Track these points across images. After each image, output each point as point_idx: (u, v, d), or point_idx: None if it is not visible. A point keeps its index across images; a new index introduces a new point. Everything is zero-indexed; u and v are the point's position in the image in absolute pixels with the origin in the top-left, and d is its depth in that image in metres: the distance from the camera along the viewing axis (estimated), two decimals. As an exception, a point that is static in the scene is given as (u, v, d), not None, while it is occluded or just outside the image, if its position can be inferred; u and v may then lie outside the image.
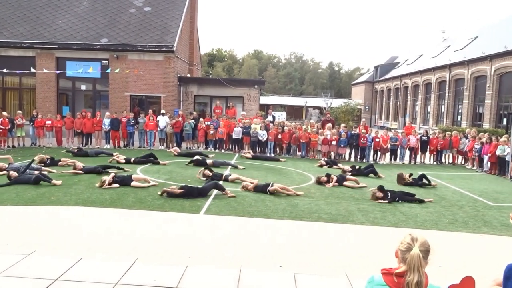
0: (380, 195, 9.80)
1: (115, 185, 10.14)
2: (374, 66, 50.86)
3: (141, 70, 21.22)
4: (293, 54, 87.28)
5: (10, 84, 22.32)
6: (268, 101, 46.82)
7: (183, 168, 13.64)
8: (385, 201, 9.63)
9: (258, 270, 5.45)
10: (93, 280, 4.90)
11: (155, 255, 5.87)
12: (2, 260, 5.39)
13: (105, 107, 21.54)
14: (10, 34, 21.66)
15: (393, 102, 43.31)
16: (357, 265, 5.83)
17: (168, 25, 22.47)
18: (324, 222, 7.94)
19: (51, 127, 18.15)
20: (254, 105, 23.20)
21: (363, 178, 12.74)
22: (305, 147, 17.67)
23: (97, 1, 24.10)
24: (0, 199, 8.74)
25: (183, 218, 7.89)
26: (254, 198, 9.58)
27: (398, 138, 17.27)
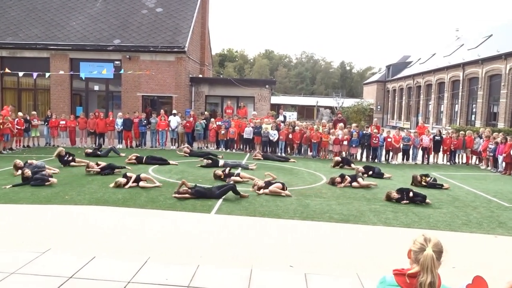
0: (396, 196, 9.69)
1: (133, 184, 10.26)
2: (386, 65, 50.50)
3: (153, 71, 21.38)
4: (304, 54, 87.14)
5: (25, 85, 22.67)
6: (279, 101, 46.84)
7: (195, 168, 13.70)
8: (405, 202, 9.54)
9: (269, 270, 5.46)
10: (106, 278, 4.96)
11: (167, 254, 5.92)
12: (18, 257, 5.49)
13: (118, 108, 21.75)
14: (25, 36, 21.99)
15: (405, 101, 42.95)
16: (368, 265, 5.80)
17: (180, 25, 22.60)
18: (336, 223, 7.92)
19: (65, 127, 18.38)
20: (265, 105, 23.22)
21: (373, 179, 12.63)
22: (316, 147, 17.63)
23: (110, 3, 24.35)
24: (15, 198, 8.89)
25: (194, 218, 7.94)
26: (265, 198, 9.59)
27: (410, 138, 17.13)
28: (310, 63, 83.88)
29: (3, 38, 21.84)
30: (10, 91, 22.55)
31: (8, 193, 9.36)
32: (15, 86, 22.54)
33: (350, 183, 11.40)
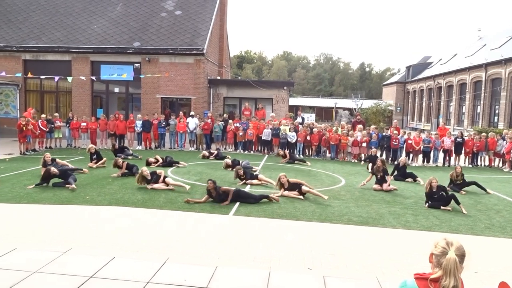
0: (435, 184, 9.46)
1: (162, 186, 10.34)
2: (406, 66, 49.84)
3: (172, 73, 21.58)
4: (322, 55, 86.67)
5: (47, 87, 23.17)
6: (297, 102, 46.70)
7: (213, 169, 13.76)
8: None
9: (287, 272, 5.44)
10: (126, 278, 5.01)
11: (186, 255, 5.95)
12: (40, 256, 5.60)
13: (137, 109, 22.03)
14: (48, 39, 22.48)
15: (426, 103, 42.30)
16: (388, 269, 5.72)
17: (199, 28, 22.76)
18: (354, 225, 7.84)
19: (86, 129, 18.70)
20: (283, 106, 23.17)
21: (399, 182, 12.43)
22: (335, 149, 17.50)
23: (130, 6, 24.71)
24: (38, 198, 9.08)
25: (212, 219, 7.97)
26: (283, 200, 9.56)
27: (431, 139, 16.85)
28: (329, 64, 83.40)
29: (26, 42, 22.38)
30: (33, 93, 23.07)
31: (31, 193, 9.56)
32: (38, 88, 23.07)
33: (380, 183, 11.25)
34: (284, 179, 10.04)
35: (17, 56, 22.32)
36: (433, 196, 9.45)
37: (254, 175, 11.74)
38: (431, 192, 9.46)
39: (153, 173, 10.63)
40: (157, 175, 10.57)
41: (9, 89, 22.41)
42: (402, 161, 13.49)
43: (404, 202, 9.91)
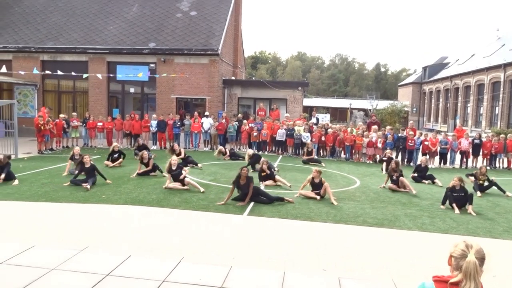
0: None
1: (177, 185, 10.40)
2: (423, 66, 49.28)
3: (187, 73, 21.71)
4: (338, 56, 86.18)
5: (65, 87, 23.53)
6: (311, 103, 46.56)
7: (227, 169, 13.80)
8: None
9: (302, 273, 5.41)
10: (141, 276, 5.06)
11: (200, 254, 5.97)
12: (58, 254, 5.68)
13: (153, 109, 22.22)
14: (65, 40, 22.82)
15: (442, 103, 41.76)
16: (404, 271, 5.66)
17: (213, 28, 22.85)
18: (370, 227, 7.77)
19: (102, 129, 18.92)
20: (298, 107, 23.12)
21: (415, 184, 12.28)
22: (349, 150, 17.38)
23: (145, 7, 24.94)
24: (55, 197, 9.22)
25: (227, 219, 7.98)
26: (297, 201, 9.53)
27: (448, 141, 16.62)
28: (344, 65, 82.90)
29: (44, 43, 22.75)
30: (51, 93, 23.45)
31: (48, 191, 9.72)
32: (56, 89, 23.44)
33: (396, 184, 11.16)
34: (316, 174, 9.95)
35: (35, 57, 22.71)
36: (452, 194, 9.35)
37: (273, 175, 11.67)
38: (453, 190, 9.36)
39: (179, 167, 10.67)
40: (180, 170, 10.58)
41: (27, 89, 22.85)
42: (422, 161, 13.35)
43: (420, 204, 9.79)
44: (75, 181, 10.49)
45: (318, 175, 9.98)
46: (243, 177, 9.26)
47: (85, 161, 10.62)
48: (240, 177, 9.29)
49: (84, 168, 10.57)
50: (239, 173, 9.38)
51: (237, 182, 9.29)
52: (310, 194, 9.84)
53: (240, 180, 9.27)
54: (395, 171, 11.35)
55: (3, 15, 25.06)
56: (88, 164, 10.60)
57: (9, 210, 8.17)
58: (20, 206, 8.51)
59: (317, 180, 9.92)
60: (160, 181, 11.24)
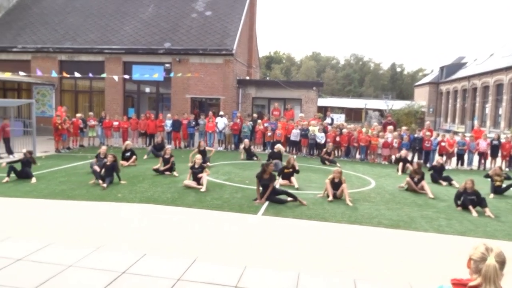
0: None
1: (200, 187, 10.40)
2: (440, 66, 48.61)
3: (201, 73, 21.80)
4: (353, 56, 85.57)
5: (82, 87, 23.85)
6: (326, 103, 46.33)
7: (241, 169, 13.81)
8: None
9: (317, 274, 5.38)
10: (156, 275, 5.09)
11: (215, 253, 5.99)
12: (74, 251, 5.76)
13: (167, 109, 22.37)
14: (82, 41, 23.13)
15: (460, 104, 41.13)
16: (421, 273, 5.58)
17: (228, 28, 22.90)
18: (385, 228, 7.69)
19: (118, 128, 19.12)
20: (312, 107, 23.03)
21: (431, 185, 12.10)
22: (364, 150, 17.24)
23: (161, 8, 25.13)
24: (72, 195, 9.35)
25: (241, 219, 7.99)
26: (311, 201, 9.49)
27: (465, 142, 16.36)
28: (359, 64, 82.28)
29: (62, 43, 23.09)
30: (68, 93, 23.79)
31: (65, 190, 9.86)
32: (73, 88, 23.77)
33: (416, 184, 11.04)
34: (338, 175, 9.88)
35: (53, 57, 23.06)
36: (465, 196, 9.22)
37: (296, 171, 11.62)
38: (464, 193, 9.23)
39: (201, 166, 10.72)
40: (201, 170, 10.61)
41: (45, 89, 23.22)
42: (437, 161, 13.18)
43: (437, 205, 9.65)
44: (94, 171, 10.77)
45: (339, 175, 9.92)
46: (267, 172, 9.36)
47: (109, 159, 10.75)
48: (264, 172, 9.38)
49: (105, 165, 10.70)
50: (264, 168, 9.46)
51: (260, 176, 9.37)
52: (330, 191, 9.74)
53: (264, 175, 9.35)
54: (416, 173, 11.19)
55: (22, 16, 25.52)
56: (110, 162, 10.73)
57: (28, 208, 8.31)
58: (38, 203, 8.65)
59: (337, 180, 9.86)
60: (175, 180, 11.31)
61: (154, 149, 15.89)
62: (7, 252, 5.69)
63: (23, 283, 4.74)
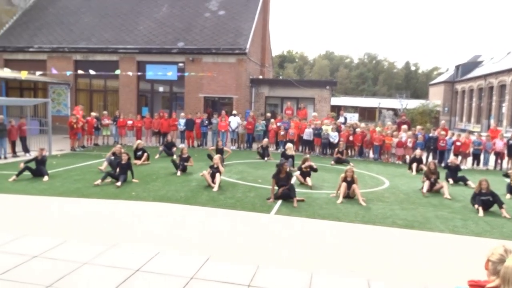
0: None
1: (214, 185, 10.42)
2: (455, 65, 47.95)
3: (214, 72, 21.86)
4: (366, 55, 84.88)
5: (96, 86, 24.11)
6: (339, 102, 46.06)
7: (254, 168, 13.81)
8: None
9: (330, 274, 5.35)
10: (170, 273, 5.12)
11: (228, 252, 6.00)
12: (89, 249, 5.83)
13: (181, 108, 22.49)
14: (97, 40, 23.38)
15: (475, 103, 40.51)
16: (436, 275, 5.51)
17: (241, 27, 22.92)
18: (399, 228, 7.61)
19: (132, 127, 19.29)
20: (326, 106, 22.92)
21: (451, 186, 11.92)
22: (378, 150, 17.10)
23: (175, 7, 25.27)
24: (86, 193, 9.46)
25: (254, 218, 7.99)
26: (325, 201, 9.45)
27: (481, 141, 16.11)
28: (373, 63, 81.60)
29: (77, 43, 23.38)
30: (83, 92, 24.08)
31: (80, 188, 9.98)
32: (87, 88, 24.05)
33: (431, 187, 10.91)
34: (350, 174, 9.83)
35: (68, 57, 23.36)
36: (479, 197, 9.09)
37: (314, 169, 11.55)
38: (480, 193, 9.10)
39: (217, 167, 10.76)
40: (218, 169, 10.65)
41: (61, 88, 23.54)
42: (452, 161, 13.00)
43: (452, 206, 9.53)
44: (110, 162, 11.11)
45: (352, 174, 9.87)
46: (283, 172, 9.42)
47: (124, 158, 10.86)
48: (280, 172, 9.44)
49: (120, 164, 10.80)
50: (280, 168, 9.51)
51: (277, 176, 9.43)
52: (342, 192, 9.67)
53: (280, 175, 9.41)
54: (432, 173, 11.05)
55: (38, 16, 25.90)
56: (125, 161, 10.83)
57: (43, 205, 8.43)
58: (54, 201, 8.77)
59: (350, 179, 9.81)
60: (188, 179, 11.36)
61: (166, 147, 15.99)
62: (23, 249, 5.78)
63: (39, 279, 4.81)
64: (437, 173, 11.15)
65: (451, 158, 14.00)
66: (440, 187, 10.82)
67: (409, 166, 14.66)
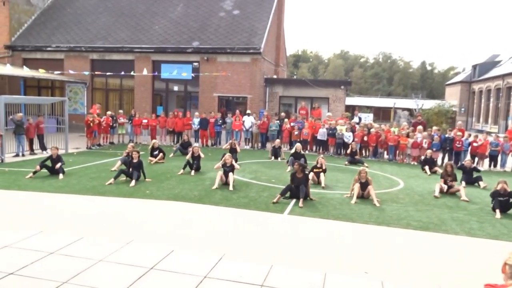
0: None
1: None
2: (472, 65, 47.22)
3: (229, 72, 21.91)
4: (381, 54, 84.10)
5: (112, 86, 24.38)
6: (354, 102, 45.72)
7: (268, 167, 13.81)
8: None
9: (344, 275, 5.33)
10: (184, 271, 5.16)
11: (241, 252, 6.02)
12: (104, 246, 5.91)
13: (195, 107, 22.60)
14: (113, 40, 23.63)
15: (493, 103, 39.83)
16: (451, 277, 5.44)
17: (256, 27, 22.93)
18: (414, 230, 7.53)
19: (147, 126, 19.46)
20: (340, 106, 22.80)
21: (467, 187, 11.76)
22: (393, 150, 16.94)
23: (190, 7, 25.41)
24: (102, 191, 9.59)
25: (267, 217, 7.98)
26: (338, 201, 9.41)
27: (499, 143, 15.84)
28: (388, 63, 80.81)
29: (94, 42, 23.67)
30: (99, 91, 24.37)
31: (96, 186, 10.11)
32: (104, 87, 24.34)
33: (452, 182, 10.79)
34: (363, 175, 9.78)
35: (85, 56, 23.67)
36: (497, 198, 8.93)
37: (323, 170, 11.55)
38: (498, 194, 8.95)
39: (231, 165, 10.80)
40: (232, 168, 10.70)
41: (77, 87, 23.88)
42: (467, 163, 12.81)
43: (468, 208, 9.39)
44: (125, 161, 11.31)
45: (365, 175, 9.80)
46: (299, 172, 9.52)
47: (134, 156, 10.98)
48: (296, 172, 9.58)
49: (131, 163, 10.92)
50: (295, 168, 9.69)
51: (292, 178, 9.53)
52: (356, 194, 9.62)
53: (296, 175, 9.50)
54: (449, 175, 10.90)
55: (56, 16, 26.30)
56: (136, 159, 10.94)
57: (60, 203, 8.57)
58: (70, 198, 8.90)
59: (363, 180, 9.74)
60: (202, 178, 11.41)
61: (182, 147, 16.08)
62: (40, 245, 5.88)
63: (55, 276, 4.89)
64: (454, 175, 10.99)
65: (467, 159, 13.80)
66: (457, 190, 10.68)
67: (422, 167, 14.54)
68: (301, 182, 9.36)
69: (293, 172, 9.66)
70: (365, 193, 9.62)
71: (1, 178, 10.76)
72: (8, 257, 5.43)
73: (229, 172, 10.56)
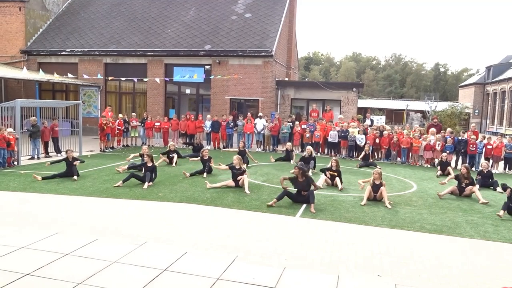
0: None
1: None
2: (486, 66, 46.68)
3: (240, 75, 21.98)
4: (393, 56, 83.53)
5: (125, 89, 24.61)
6: (366, 104, 45.50)
7: (280, 170, 13.81)
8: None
9: (357, 278, 5.31)
10: (197, 273, 5.19)
11: (254, 254, 6.03)
12: (119, 248, 5.97)
13: (207, 110, 22.71)
14: (126, 44, 23.88)
15: (508, 105, 39.31)
16: (466, 281, 5.38)
17: (268, 30, 22.97)
18: (427, 233, 7.47)
19: (159, 129, 19.61)
20: (352, 108, 22.68)
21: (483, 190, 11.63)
22: (405, 153, 16.81)
23: (202, 10, 25.57)
24: (116, 193, 9.69)
25: (279, 220, 7.99)
26: (351, 204, 9.37)
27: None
28: (400, 65, 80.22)
29: (107, 46, 23.94)
30: (113, 94, 24.63)
31: (109, 188, 10.22)
32: (117, 90, 24.59)
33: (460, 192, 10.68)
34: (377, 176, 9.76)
35: (99, 60, 23.95)
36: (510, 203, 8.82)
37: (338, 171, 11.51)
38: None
39: (241, 168, 10.83)
40: (242, 171, 10.72)
41: (91, 90, 24.16)
42: (483, 166, 12.64)
43: (483, 211, 9.28)
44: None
45: (379, 176, 9.75)
46: (299, 176, 9.33)
47: (147, 160, 11.07)
48: (297, 176, 9.39)
49: (145, 166, 11.01)
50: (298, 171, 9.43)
51: (293, 181, 9.41)
52: (366, 195, 9.58)
53: (298, 179, 9.34)
54: (465, 177, 10.76)
55: (70, 21, 26.67)
56: (150, 163, 11.02)
57: (74, 205, 8.68)
58: (84, 201, 9.02)
59: (378, 182, 9.70)
60: (214, 181, 11.45)
61: (194, 150, 16.17)
62: (55, 247, 5.97)
63: (70, 277, 4.96)
64: (471, 178, 10.84)
65: (482, 162, 13.61)
66: (471, 192, 10.55)
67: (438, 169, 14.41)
68: (304, 186, 9.22)
69: (294, 177, 9.51)
70: (377, 195, 9.58)
71: (17, 180, 10.95)
72: (24, 258, 5.52)
73: (239, 175, 10.57)
